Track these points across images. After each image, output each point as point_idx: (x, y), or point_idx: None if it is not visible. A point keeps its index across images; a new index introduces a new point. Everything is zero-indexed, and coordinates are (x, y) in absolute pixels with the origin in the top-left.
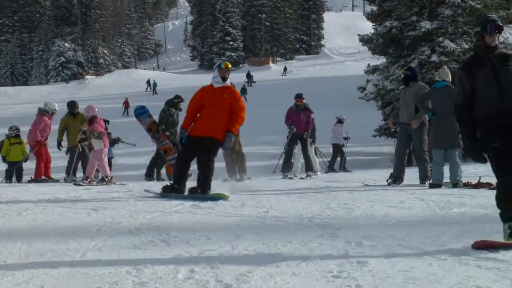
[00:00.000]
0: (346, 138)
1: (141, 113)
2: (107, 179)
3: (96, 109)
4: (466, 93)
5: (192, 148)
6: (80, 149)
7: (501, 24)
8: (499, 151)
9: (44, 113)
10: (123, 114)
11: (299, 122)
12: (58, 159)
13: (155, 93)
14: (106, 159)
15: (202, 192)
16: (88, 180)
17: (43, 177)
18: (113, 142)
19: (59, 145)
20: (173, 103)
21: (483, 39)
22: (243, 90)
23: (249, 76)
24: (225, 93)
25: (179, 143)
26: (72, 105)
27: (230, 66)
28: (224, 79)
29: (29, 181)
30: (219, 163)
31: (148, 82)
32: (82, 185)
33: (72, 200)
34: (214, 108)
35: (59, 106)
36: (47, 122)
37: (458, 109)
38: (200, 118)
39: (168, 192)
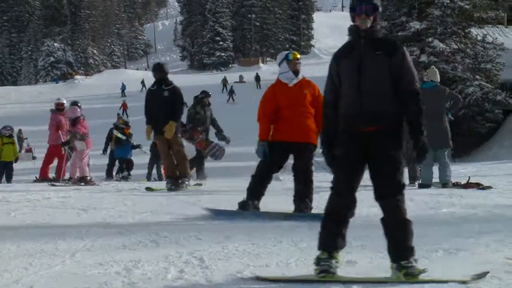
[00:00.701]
0: None
1: None
2: (84, 180)
3: (79, 110)
4: (335, 87)
5: (280, 156)
6: (64, 151)
7: (375, 3)
8: (339, 160)
9: (56, 112)
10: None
11: None
12: None
13: (123, 96)
14: (86, 160)
15: (310, 208)
16: (71, 180)
17: (65, 178)
18: (134, 147)
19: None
20: (199, 99)
21: (353, 21)
22: (231, 91)
23: (258, 78)
24: (303, 88)
25: (262, 157)
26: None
27: (299, 55)
28: (296, 72)
29: (51, 181)
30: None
31: (142, 83)
32: (57, 185)
33: (61, 201)
34: (298, 108)
35: (49, 106)
36: (59, 118)
37: (326, 106)
38: (285, 120)
39: (249, 210)
